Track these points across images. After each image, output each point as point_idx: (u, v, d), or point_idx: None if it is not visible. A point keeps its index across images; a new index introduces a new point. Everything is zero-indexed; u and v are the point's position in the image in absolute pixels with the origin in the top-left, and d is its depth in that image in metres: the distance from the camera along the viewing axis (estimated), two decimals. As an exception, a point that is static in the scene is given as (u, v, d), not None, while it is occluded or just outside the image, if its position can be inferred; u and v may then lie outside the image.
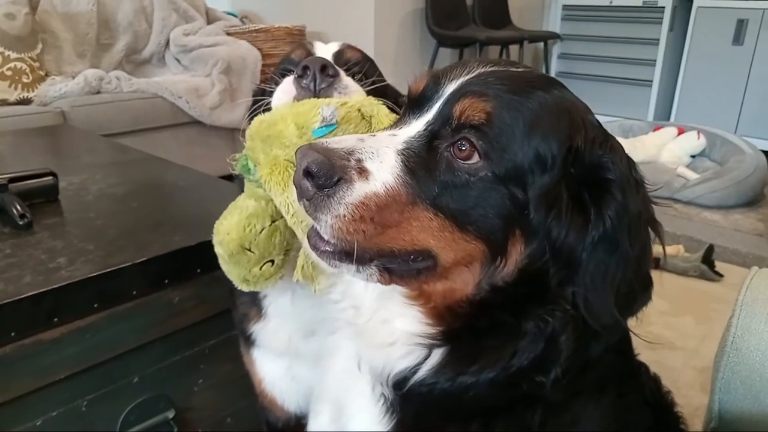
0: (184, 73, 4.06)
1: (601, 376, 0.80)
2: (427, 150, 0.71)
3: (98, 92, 3.47)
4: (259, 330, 1.17)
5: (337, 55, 1.09)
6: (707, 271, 2.88)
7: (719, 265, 2.95)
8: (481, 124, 0.69)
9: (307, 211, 0.69)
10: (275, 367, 1.22)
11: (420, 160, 0.70)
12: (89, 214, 1.53)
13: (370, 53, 1.13)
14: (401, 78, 1.03)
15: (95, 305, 1.23)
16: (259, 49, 4.12)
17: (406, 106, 0.81)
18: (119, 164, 2.07)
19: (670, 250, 3.01)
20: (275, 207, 0.91)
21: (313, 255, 0.74)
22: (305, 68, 0.95)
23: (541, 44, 5.64)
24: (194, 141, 3.76)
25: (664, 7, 5.09)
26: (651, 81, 5.28)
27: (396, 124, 0.78)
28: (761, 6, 4.60)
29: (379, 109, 0.90)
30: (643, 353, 0.96)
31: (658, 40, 5.17)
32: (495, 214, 0.70)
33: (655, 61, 5.23)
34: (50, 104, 3.29)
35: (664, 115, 5.33)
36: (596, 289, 0.70)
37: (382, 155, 0.69)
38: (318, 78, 0.94)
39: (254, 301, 1.16)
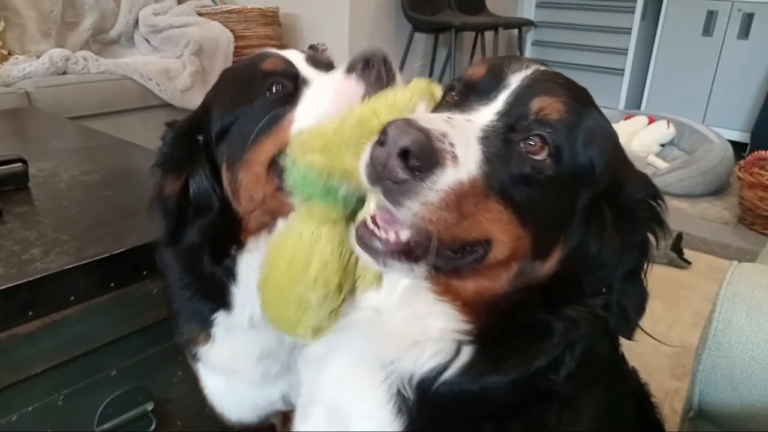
0: (153, 54, 3.95)
1: (598, 368, 0.82)
2: (500, 141, 0.69)
3: (64, 73, 3.34)
4: (206, 352, 1.12)
5: (311, 58, 1.01)
6: (676, 258, 2.96)
7: (686, 253, 3.03)
8: (557, 123, 0.70)
9: (383, 194, 0.64)
10: (216, 380, 1.19)
11: (495, 151, 0.68)
12: (62, 203, 1.48)
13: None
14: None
15: (71, 298, 1.20)
16: (231, 31, 4.03)
17: (461, 90, 0.80)
18: (90, 150, 2.01)
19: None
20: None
21: (362, 254, 0.70)
22: (367, 62, 0.87)
23: (516, 31, 5.64)
24: (164, 124, 3.67)
25: (636, -3, 5.16)
26: (623, 70, 5.35)
27: (460, 109, 0.75)
28: (731, -2, 4.69)
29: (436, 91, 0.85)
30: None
31: (631, 29, 5.23)
32: (554, 215, 0.72)
33: (627, 50, 5.29)
34: (13, 85, 3.17)
35: (635, 104, 5.41)
36: (629, 317, 0.77)
37: (469, 141, 0.67)
38: (384, 70, 0.87)
39: (203, 327, 1.10)
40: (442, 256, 0.68)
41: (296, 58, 1.00)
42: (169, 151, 1.01)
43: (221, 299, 1.04)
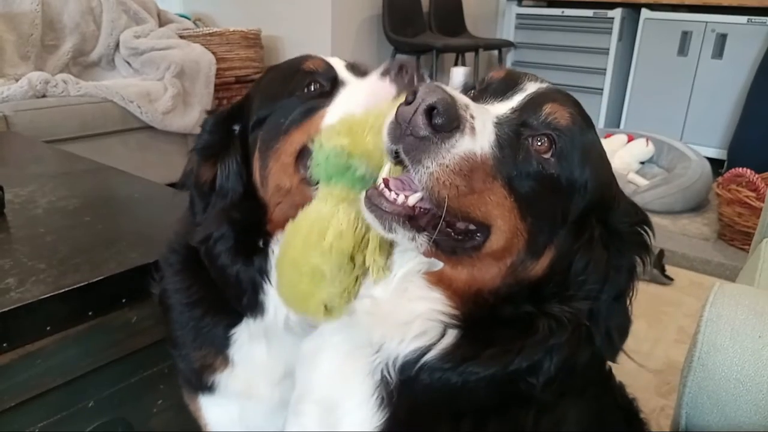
0: (134, 77, 3.93)
1: (583, 380, 0.84)
2: (512, 132, 0.74)
3: (43, 96, 3.31)
4: (223, 379, 1.07)
5: (351, 66, 1.06)
6: (658, 275, 2.98)
7: (668, 269, 3.05)
8: (564, 129, 0.76)
9: (404, 151, 0.68)
10: (224, 413, 1.12)
11: (507, 139, 0.73)
12: (39, 230, 1.45)
13: (327, 57, 1.11)
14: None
15: (48, 328, 1.17)
16: (213, 53, 4.02)
17: (479, 90, 0.85)
18: (69, 174, 1.98)
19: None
20: None
21: (369, 216, 0.73)
22: (402, 67, 0.94)
23: (496, 52, 5.72)
24: (145, 147, 3.65)
25: (613, 18, 5.24)
26: (601, 89, 5.42)
27: (476, 102, 0.79)
28: (704, 19, 4.79)
29: None
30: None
31: (608, 49, 5.32)
32: (549, 215, 0.76)
33: (605, 69, 5.38)
34: (-9, 108, 3.13)
35: (614, 123, 5.48)
36: (613, 341, 0.80)
37: (486, 121, 0.72)
38: (416, 76, 0.94)
39: (220, 349, 1.06)
40: (444, 232, 0.72)
41: (337, 63, 1.06)
42: (208, 137, 1.05)
43: (250, 304, 1.01)
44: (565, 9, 5.53)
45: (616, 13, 5.22)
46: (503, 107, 0.78)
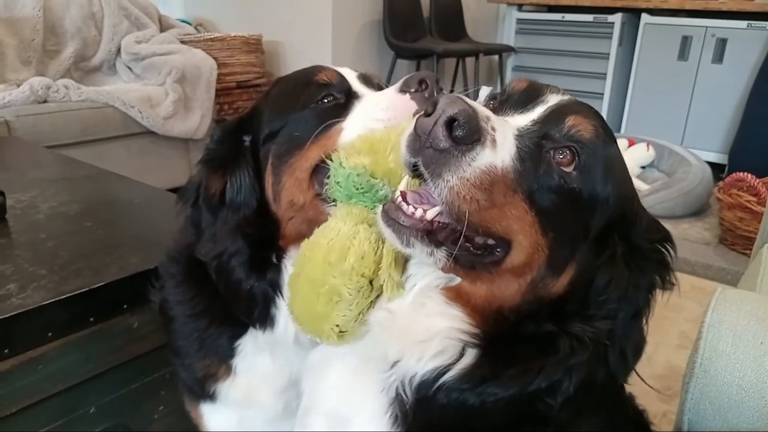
0: (136, 82, 3.94)
1: (596, 397, 0.82)
2: (533, 144, 0.72)
3: (45, 101, 3.32)
4: (225, 388, 1.06)
5: (362, 77, 1.04)
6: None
7: (670, 274, 3.05)
8: (587, 142, 0.74)
9: (423, 164, 0.66)
10: (226, 421, 1.11)
11: (528, 152, 0.71)
12: (40, 235, 1.46)
13: (328, 63, 1.10)
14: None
15: (49, 334, 1.17)
16: (214, 58, 4.03)
17: (500, 101, 0.84)
18: (70, 180, 1.98)
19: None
20: None
21: (387, 230, 0.71)
22: (422, 82, 0.92)
23: (496, 57, 5.72)
24: (146, 152, 3.66)
25: (613, 23, 5.24)
26: (602, 94, 5.42)
27: (497, 114, 0.77)
28: (704, 24, 4.80)
29: None
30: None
31: (609, 54, 5.32)
32: (571, 230, 0.74)
33: (605, 74, 5.38)
34: (-7, 114, 3.13)
35: (615, 127, 5.48)
36: (627, 360, 0.78)
37: (507, 133, 0.70)
38: (435, 91, 0.92)
39: (224, 359, 1.05)
40: (463, 247, 0.70)
41: (349, 74, 1.04)
42: (216, 148, 1.02)
43: (261, 318, 0.99)
44: (566, 14, 5.53)
45: (617, 18, 5.22)
46: (524, 119, 0.76)
